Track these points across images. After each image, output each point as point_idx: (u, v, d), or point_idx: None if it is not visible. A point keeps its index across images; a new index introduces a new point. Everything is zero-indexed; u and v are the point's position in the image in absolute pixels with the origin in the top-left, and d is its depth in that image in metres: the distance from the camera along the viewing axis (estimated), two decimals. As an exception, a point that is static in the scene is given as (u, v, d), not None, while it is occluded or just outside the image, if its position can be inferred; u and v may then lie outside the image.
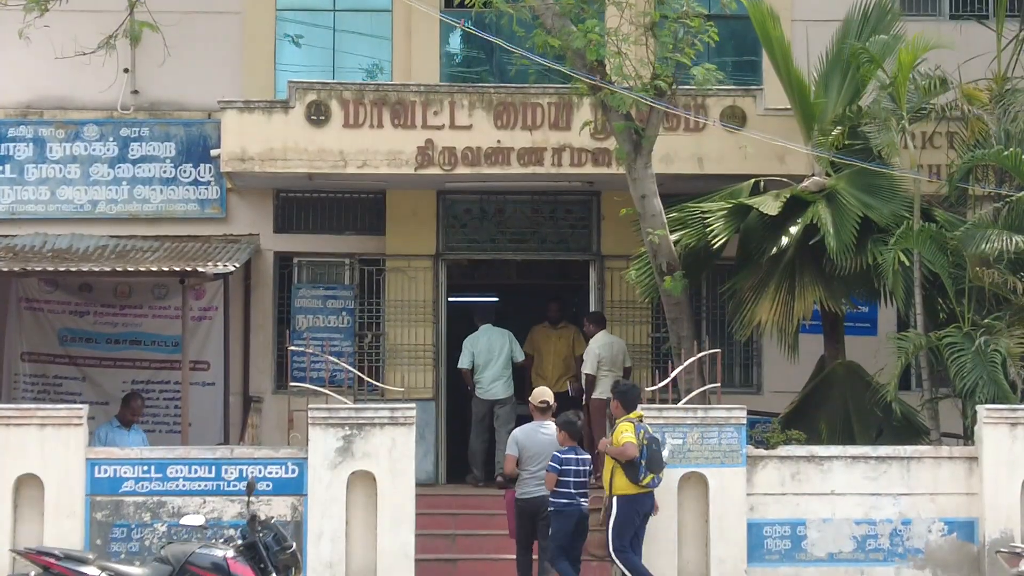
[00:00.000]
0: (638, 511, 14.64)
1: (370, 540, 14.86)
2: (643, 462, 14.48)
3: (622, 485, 14.54)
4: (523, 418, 16.91)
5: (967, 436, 16.50)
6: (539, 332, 20.00)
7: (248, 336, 20.05)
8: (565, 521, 14.74)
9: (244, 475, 14.61)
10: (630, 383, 15.69)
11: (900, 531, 15.35)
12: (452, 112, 18.69)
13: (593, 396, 18.60)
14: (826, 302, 17.11)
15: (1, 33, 19.26)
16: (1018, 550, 13.26)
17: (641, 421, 14.80)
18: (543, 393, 15.70)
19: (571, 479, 14.84)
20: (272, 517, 13.84)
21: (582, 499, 14.83)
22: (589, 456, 15.20)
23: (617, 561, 14.61)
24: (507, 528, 16.21)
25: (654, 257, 16.91)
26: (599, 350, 18.64)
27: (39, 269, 17.81)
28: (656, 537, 14.99)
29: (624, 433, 14.56)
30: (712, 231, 16.98)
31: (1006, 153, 16.36)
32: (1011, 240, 16.01)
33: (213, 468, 14.91)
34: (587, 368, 18.67)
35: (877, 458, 15.46)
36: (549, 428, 15.27)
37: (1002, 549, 13.77)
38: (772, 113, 18.61)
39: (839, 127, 17.39)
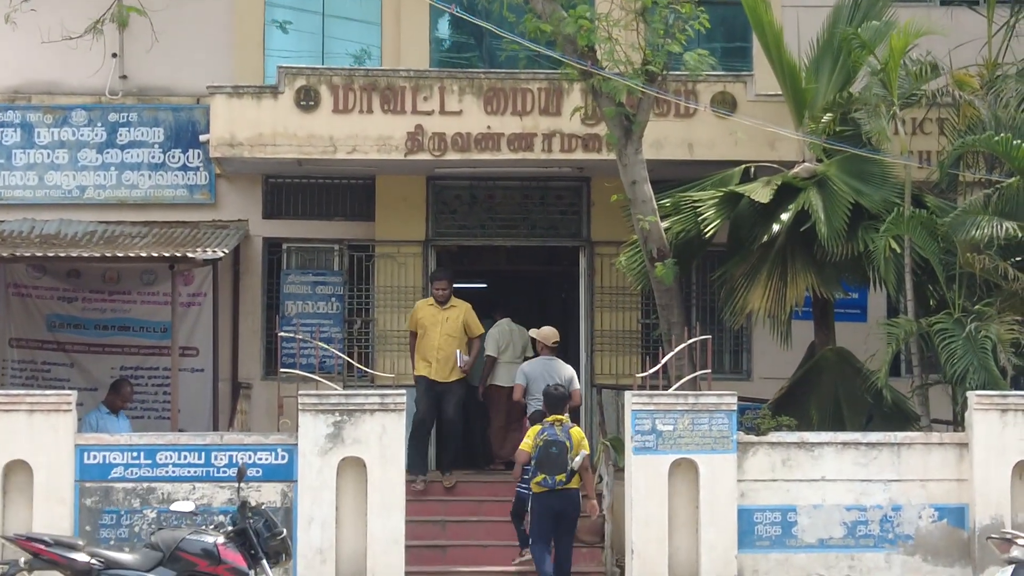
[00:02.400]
0: (545, 509, 15.05)
1: (360, 526, 14.83)
2: (533, 462, 15.01)
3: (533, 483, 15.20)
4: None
5: (957, 422, 16.49)
6: (424, 310, 18.47)
7: (237, 322, 20.02)
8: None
9: (234, 461, 14.57)
10: (561, 390, 15.67)
11: (890, 517, 15.35)
12: (442, 97, 18.65)
13: (490, 382, 19.08)
14: (818, 288, 17.11)
15: (-12, 18, 19.18)
16: (1009, 536, 13.24)
17: (561, 424, 15.10)
18: (554, 334, 17.99)
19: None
20: (262, 503, 13.81)
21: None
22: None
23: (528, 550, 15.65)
24: (496, 516, 16.29)
25: (644, 243, 16.89)
26: (497, 335, 19.02)
27: (27, 255, 17.75)
28: (647, 523, 14.99)
29: (525, 439, 15.34)
30: (704, 219, 16.95)
31: (997, 139, 16.34)
32: (1002, 226, 16.00)
33: (203, 454, 14.87)
34: (489, 351, 18.92)
35: (867, 444, 15.45)
36: (554, 363, 17.70)
37: (993, 535, 13.75)
38: (763, 99, 18.59)
39: (830, 113, 17.37)
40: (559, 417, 15.22)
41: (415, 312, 18.47)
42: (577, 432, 15.24)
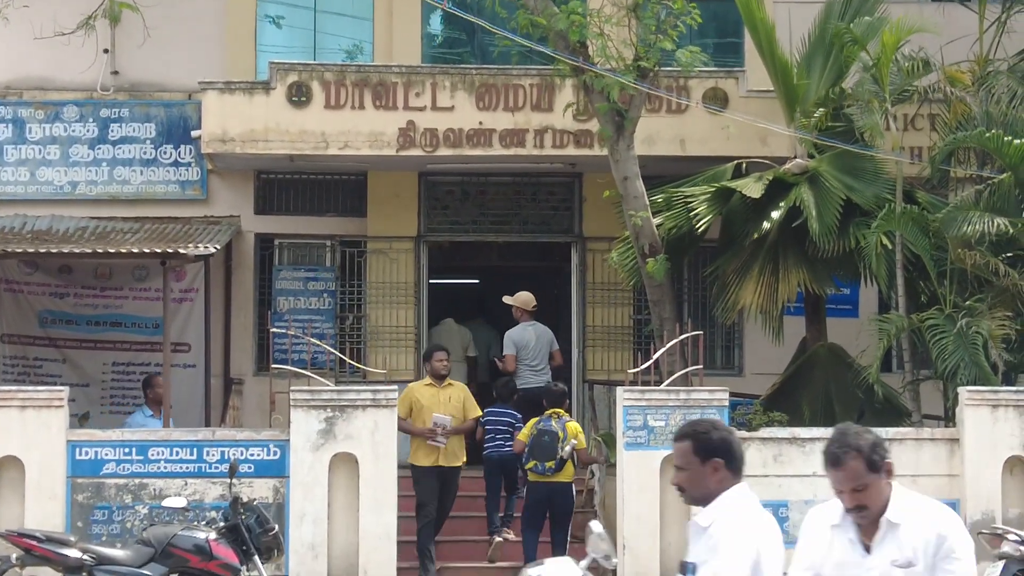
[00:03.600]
0: (536, 498, 15.71)
1: (352, 522, 14.84)
2: (526, 450, 15.63)
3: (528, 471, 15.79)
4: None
5: (948, 418, 16.52)
6: (420, 391, 16.29)
7: (229, 318, 20.00)
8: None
9: (226, 457, 14.57)
10: (560, 387, 16.49)
11: (882, 513, 15.34)
12: (434, 93, 18.65)
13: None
14: (809, 284, 17.12)
15: (-20, 13, 19.14)
16: (1000, 531, 13.27)
17: (559, 417, 15.73)
18: (532, 298, 18.01)
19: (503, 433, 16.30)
20: (254, 499, 13.80)
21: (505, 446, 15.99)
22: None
23: None
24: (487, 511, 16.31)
25: (636, 239, 16.89)
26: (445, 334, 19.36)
27: (19, 251, 17.73)
28: (638, 519, 15.00)
29: (523, 429, 15.96)
30: (696, 215, 16.97)
31: (988, 135, 16.36)
32: (993, 222, 16.02)
33: (195, 450, 14.87)
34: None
35: (859, 440, 15.42)
36: (537, 327, 17.98)
37: (984, 530, 13.76)
38: (755, 95, 18.59)
39: (822, 109, 17.39)
40: (557, 410, 15.76)
41: (409, 393, 16.07)
42: (573, 426, 15.74)
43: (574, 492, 16.12)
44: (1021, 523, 14.82)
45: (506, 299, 18.36)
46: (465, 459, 16.21)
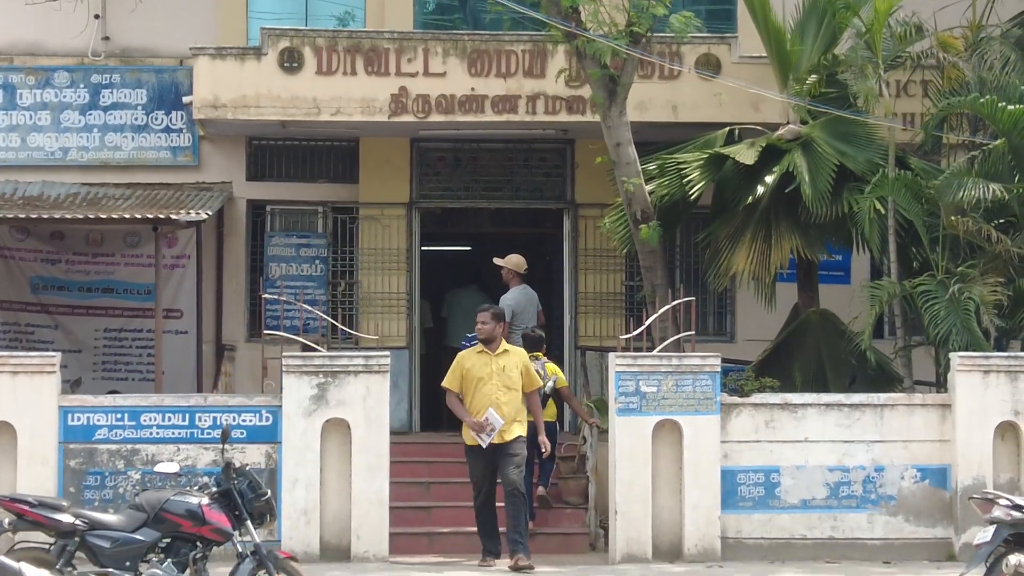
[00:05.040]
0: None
1: (345, 488, 14.86)
2: None
3: None
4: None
5: (940, 384, 16.56)
6: (471, 359, 15.06)
7: (221, 284, 19.99)
8: None
9: (218, 423, 14.57)
10: (538, 333, 16.82)
11: (873, 478, 15.41)
12: (426, 59, 18.60)
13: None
14: (802, 250, 17.13)
15: (-30, -22, 19.10)
16: (990, 496, 13.26)
17: (537, 359, 16.06)
18: (523, 260, 18.01)
19: None
20: (247, 464, 13.71)
21: None
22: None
23: None
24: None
25: (628, 206, 16.88)
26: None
27: (10, 216, 17.70)
28: (630, 484, 15.03)
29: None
30: (689, 181, 16.95)
31: (983, 100, 16.33)
32: (988, 188, 16.02)
33: (187, 416, 14.88)
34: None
35: (850, 405, 15.49)
36: (530, 291, 18.00)
37: (975, 495, 13.77)
38: (747, 61, 18.57)
39: (815, 75, 17.36)
40: (536, 353, 16.20)
41: (459, 363, 14.90)
42: (551, 367, 16.46)
43: (557, 431, 16.64)
44: (1012, 488, 14.87)
45: (497, 260, 18.38)
46: (524, 432, 14.76)
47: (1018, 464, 15.34)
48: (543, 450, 15.13)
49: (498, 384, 14.66)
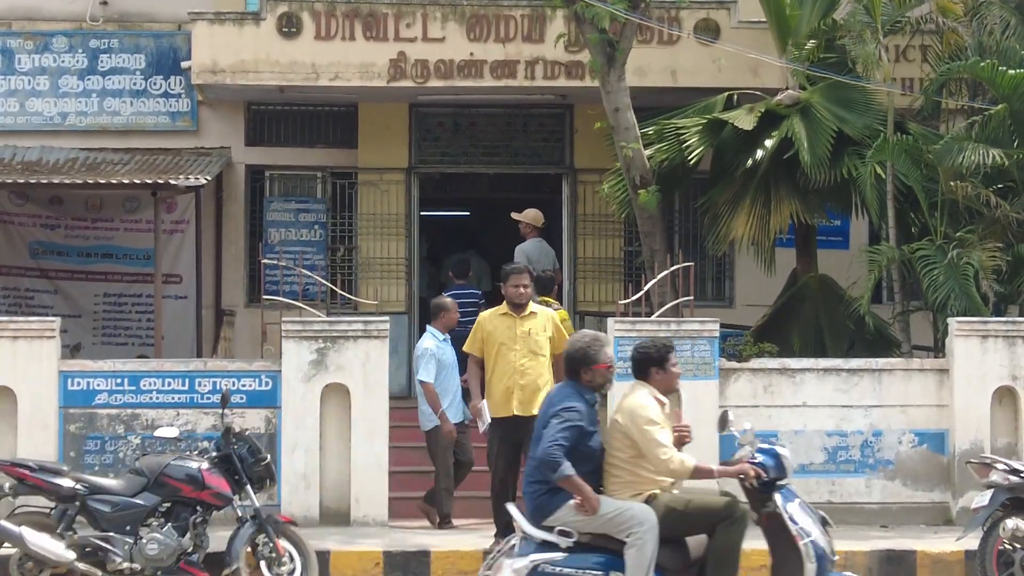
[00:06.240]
0: None
1: (344, 452, 14.89)
2: None
3: None
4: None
5: (938, 348, 16.58)
6: (493, 322, 13.67)
7: (220, 250, 20.01)
8: None
9: (218, 388, 14.58)
10: (549, 274, 17.20)
11: (871, 443, 15.44)
12: (425, 24, 18.59)
13: None
14: (801, 215, 17.14)
15: (-32, -57, 19.05)
16: (988, 460, 13.30)
17: (547, 304, 15.84)
18: (540, 214, 18.50)
19: None
20: (246, 429, 13.79)
21: None
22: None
23: None
24: (481, 441, 16.30)
25: (627, 171, 16.88)
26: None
27: (9, 181, 17.71)
28: (629, 449, 15.04)
29: None
30: (688, 147, 16.94)
31: (983, 64, 16.31)
32: (988, 154, 16.00)
33: (187, 381, 14.90)
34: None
35: (849, 370, 15.51)
36: (544, 244, 18.52)
37: (972, 460, 13.80)
38: (746, 26, 18.55)
39: (813, 40, 17.32)
40: (547, 298, 16.18)
41: (479, 327, 13.45)
42: (563, 312, 16.49)
43: None
44: (1009, 452, 14.89)
45: (514, 215, 18.54)
46: None
47: (1015, 429, 15.38)
48: None
49: (522, 350, 13.18)
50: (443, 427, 15.10)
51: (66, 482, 12.52)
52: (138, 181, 17.58)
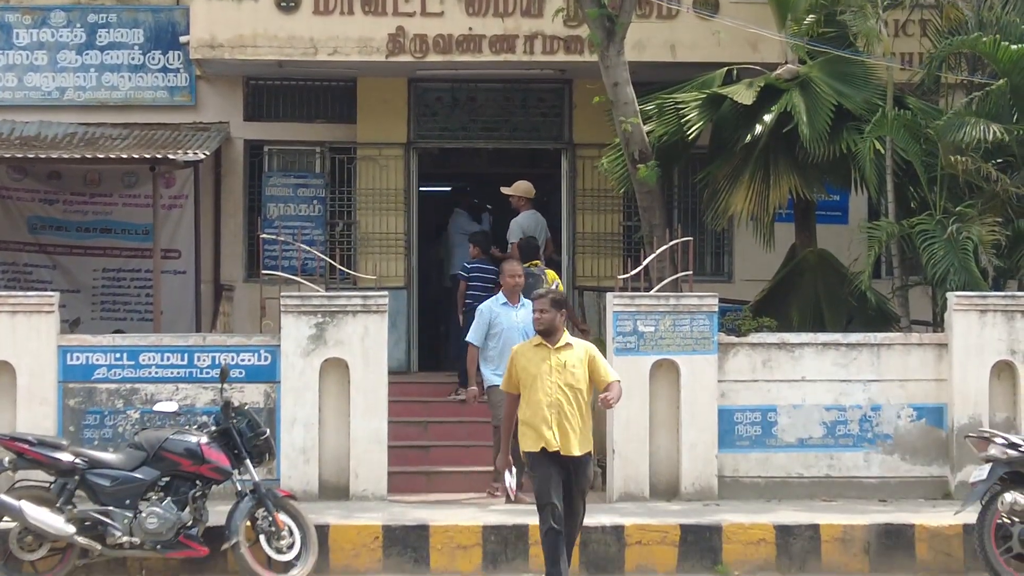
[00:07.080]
0: None
1: (343, 427, 14.91)
2: None
3: None
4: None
5: (937, 323, 16.58)
6: (525, 354, 11.95)
7: (219, 224, 20.01)
8: None
9: (217, 362, 14.59)
10: (535, 242, 17.67)
11: (869, 417, 15.46)
12: (423, -2, 18.58)
13: None
14: (800, 190, 17.12)
15: (-35, -83, 19.00)
16: (986, 435, 13.33)
17: (536, 266, 16.84)
18: (531, 186, 18.79)
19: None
20: (245, 404, 13.85)
21: None
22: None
23: None
24: (479, 416, 16.32)
25: (626, 146, 16.86)
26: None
27: (7, 156, 17.68)
28: (628, 424, 15.07)
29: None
30: (687, 121, 16.90)
31: (984, 39, 16.28)
32: (989, 129, 15.98)
33: (186, 355, 14.90)
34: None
35: (847, 345, 15.52)
36: (538, 215, 18.82)
37: (971, 434, 13.84)
38: (745, 0, 18.49)
39: (813, 14, 17.28)
40: (535, 262, 16.88)
41: (512, 361, 11.89)
42: (551, 273, 16.97)
43: None
44: (1008, 427, 14.92)
45: (504, 190, 18.57)
46: (591, 447, 11.90)
47: (1014, 403, 15.39)
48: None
49: (557, 383, 11.66)
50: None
51: (65, 456, 12.55)
52: (136, 156, 17.56)
